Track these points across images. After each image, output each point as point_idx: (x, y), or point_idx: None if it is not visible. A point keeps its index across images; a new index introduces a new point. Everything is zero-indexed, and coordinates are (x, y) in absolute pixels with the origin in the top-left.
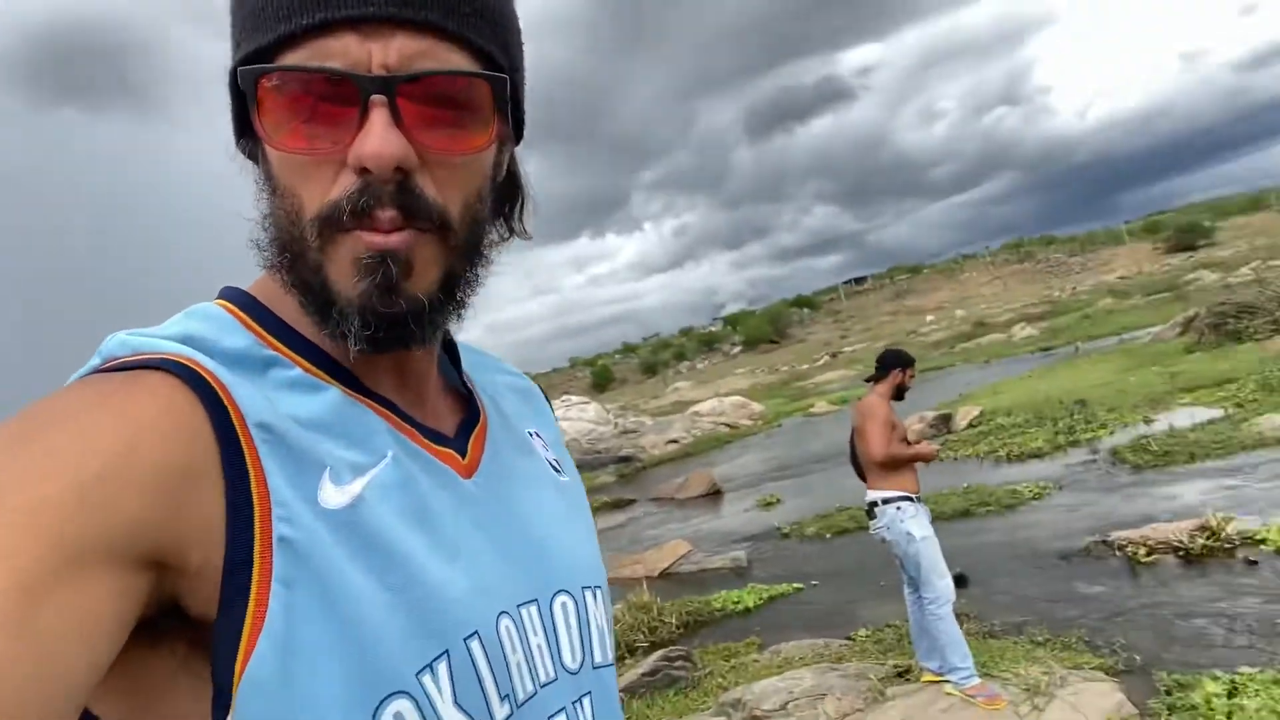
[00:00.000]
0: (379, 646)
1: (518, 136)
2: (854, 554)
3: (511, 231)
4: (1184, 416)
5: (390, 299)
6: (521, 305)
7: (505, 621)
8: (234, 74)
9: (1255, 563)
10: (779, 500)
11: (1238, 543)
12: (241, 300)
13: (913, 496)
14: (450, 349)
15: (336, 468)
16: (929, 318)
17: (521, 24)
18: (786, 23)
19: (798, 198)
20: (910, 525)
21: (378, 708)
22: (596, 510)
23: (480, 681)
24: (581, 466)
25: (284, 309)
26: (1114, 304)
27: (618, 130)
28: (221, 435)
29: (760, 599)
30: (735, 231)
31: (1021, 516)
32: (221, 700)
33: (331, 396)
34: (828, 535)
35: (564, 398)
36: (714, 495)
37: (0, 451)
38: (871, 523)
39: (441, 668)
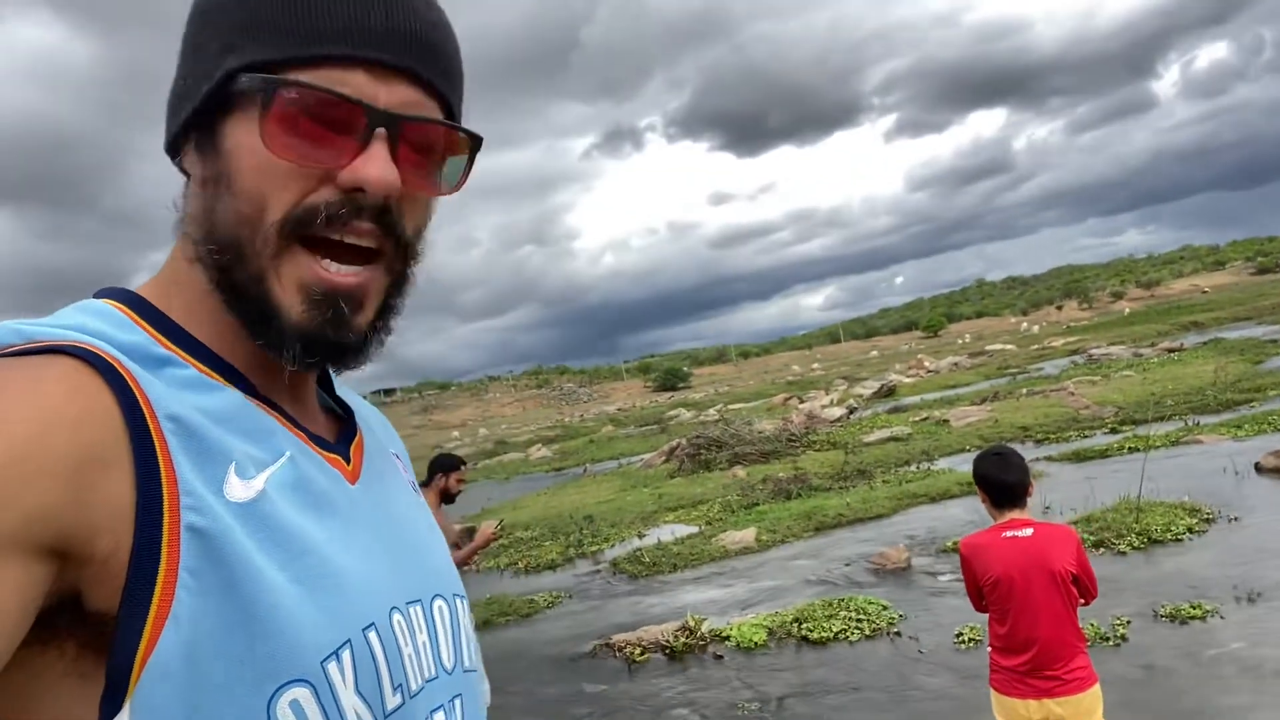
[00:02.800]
0: (284, 635)
1: None
2: None
3: None
4: (668, 532)
5: (341, 331)
6: None
7: (396, 616)
8: (229, 74)
9: (721, 657)
10: None
11: (709, 640)
12: (128, 299)
13: None
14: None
15: (241, 462)
16: (454, 433)
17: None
18: None
19: None
20: None
21: (275, 694)
22: None
23: (377, 671)
24: None
25: (175, 310)
26: (614, 431)
27: (124, 202)
28: (131, 423)
29: None
30: None
31: (537, 624)
32: (115, 694)
33: (229, 396)
34: None
35: None
36: None
37: None
38: None
39: (345, 655)
